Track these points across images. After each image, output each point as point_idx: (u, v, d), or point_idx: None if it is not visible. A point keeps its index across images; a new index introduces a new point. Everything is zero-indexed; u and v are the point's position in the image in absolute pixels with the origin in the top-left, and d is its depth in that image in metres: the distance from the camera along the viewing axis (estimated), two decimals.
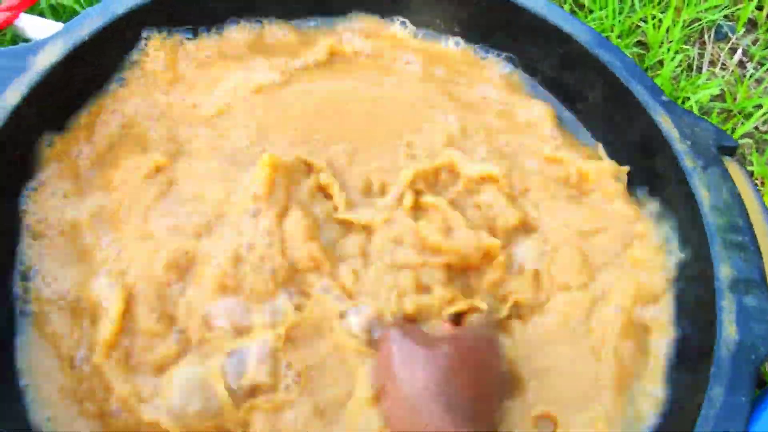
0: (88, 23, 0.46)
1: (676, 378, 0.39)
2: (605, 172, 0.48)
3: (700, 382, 0.34)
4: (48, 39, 0.46)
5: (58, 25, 0.70)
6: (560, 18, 0.51)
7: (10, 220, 0.43)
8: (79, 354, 0.39)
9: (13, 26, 0.71)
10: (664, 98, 0.47)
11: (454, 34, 0.57)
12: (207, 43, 0.52)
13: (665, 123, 0.46)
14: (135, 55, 0.50)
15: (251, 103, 0.49)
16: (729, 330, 0.36)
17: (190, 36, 0.52)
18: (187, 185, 0.44)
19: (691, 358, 0.39)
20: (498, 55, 0.56)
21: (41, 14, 0.76)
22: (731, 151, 0.45)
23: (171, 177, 0.45)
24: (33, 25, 0.71)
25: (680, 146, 0.44)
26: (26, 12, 0.72)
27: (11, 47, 0.44)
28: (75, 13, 0.77)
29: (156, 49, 0.50)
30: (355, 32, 0.55)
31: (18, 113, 0.42)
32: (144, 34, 0.50)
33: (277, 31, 0.55)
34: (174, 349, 0.39)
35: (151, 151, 0.46)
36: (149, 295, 0.40)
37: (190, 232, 0.42)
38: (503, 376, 0.39)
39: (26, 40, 0.72)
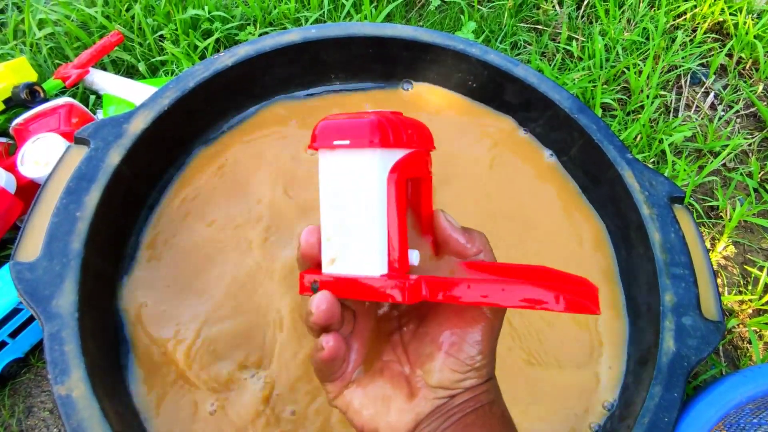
0: (168, 95, 0.58)
1: (628, 380, 0.50)
2: None
3: (643, 381, 0.46)
4: (138, 109, 0.57)
5: (119, 78, 0.83)
6: (549, 87, 0.62)
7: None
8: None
9: (83, 80, 0.83)
10: (629, 156, 0.58)
11: (460, 92, 0.70)
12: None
13: (629, 177, 0.57)
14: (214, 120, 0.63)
15: None
16: (669, 343, 0.47)
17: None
18: None
19: (641, 364, 0.50)
20: (497, 112, 0.68)
21: (104, 68, 0.88)
22: (680, 200, 0.56)
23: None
24: (100, 79, 0.84)
25: (639, 196, 0.56)
26: (93, 66, 0.85)
27: (111, 117, 0.56)
28: (132, 66, 0.89)
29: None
30: None
31: (119, 172, 0.54)
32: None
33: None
34: None
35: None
36: None
37: None
38: None
39: (94, 92, 0.85)
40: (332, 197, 0.28)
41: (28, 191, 0.70)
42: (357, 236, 0.28)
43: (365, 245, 0.28)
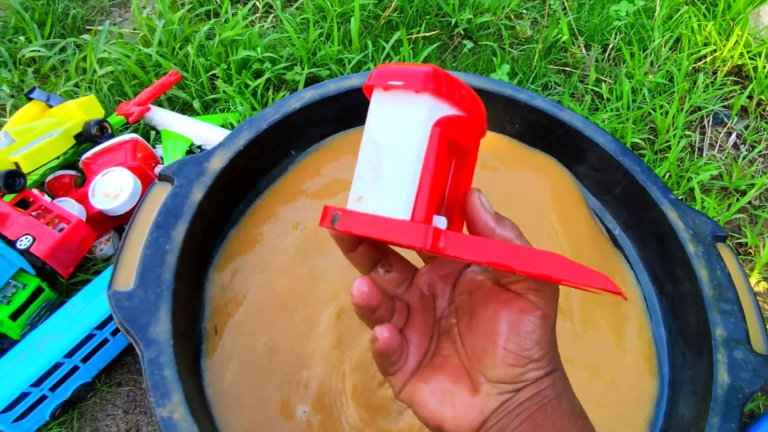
0: (243, 136, 0.63)
1: (683, 410, 0.53)
2: None
3: (701, 412, 0.49)
4: (216, 148, 0.62)
5: (176, 114, 0.88)
6: (593, 131, 0.67)
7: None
8: None
9: (143, 116, 0.88)
10: (672, 196, 0.62)
11: (507, 134, 0.74)
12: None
13: (673, 216, 0.61)
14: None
15: None
16: (723, 375, 0.50)
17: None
18: None
19: (695, 395, 0.53)
20: (543, 153, 0.73)
21: (161, 105, 0.93)
22: (723, 238, 0.60)
23: None
24: (158, 115, 0.89)
25: (684, 234, 0.59)
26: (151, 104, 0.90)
27: (192, 156, 0.60)
28: (186, 103, 0.94)
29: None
30: None
31: (201, 207, 0.58)
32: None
33: None
34: None
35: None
36: None
37: None
38: None
39: (152, 128, 0.90)
40: (374, 135, 0.29)
41: (96, 222, 0.74)
42: (389, 176, 0.28)
43: (394, 186, 0.27)
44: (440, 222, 0.28)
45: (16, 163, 0.71)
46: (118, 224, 0.79)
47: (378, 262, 0.32)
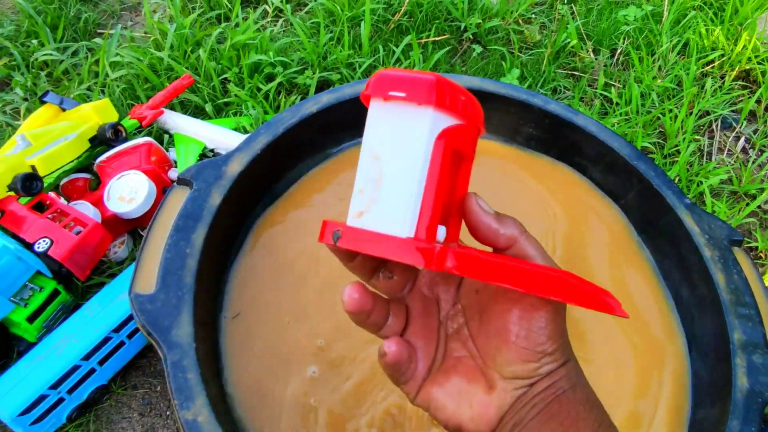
0: (261, 140, 0.63)
1: (703, 414, 0.53)
2: None
3: (720, 416, 0.49)
4: (233, 152, 0.62)
5: (188, 118, 0.88)
6: (608, 136, 0.67)
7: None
8: None
9: (156, 120, 0.89)
10: (687, 201, 0.63)
11: (518, 143, 0.74)
12: None
13: (689, 221, 0.61)
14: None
15: None
16: (742, 380, 0.50)
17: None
18: None
19: (714, 400, 0.53)
20: (555, 160, 0.73)
21: (173, 109, 0.94)
22: (739, 243, 0.60)
23: None
24: (171, 119, 0.89)
25: (700, 239, 0.60)
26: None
27: (210, 159, 0.60)
28: (198, 107, 0.95)
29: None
30: None
31: (220, 211, 0.58)
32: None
33: None
34: None
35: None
36: None
37: None
38: None
39: (165, 131, 0.90)
40: (375, 149, 0.27)
41: (110, 225, 0.75)
42: (391, 192, 0.27)
43: (397, 203, 0.26)
44: (441, 232, 0.27)
45: (33, 166, 0.71)
46: (132, 227, 0.79)
47: (378, 269, 0.32)
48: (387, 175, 0.27)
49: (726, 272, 0.57)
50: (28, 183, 0.68)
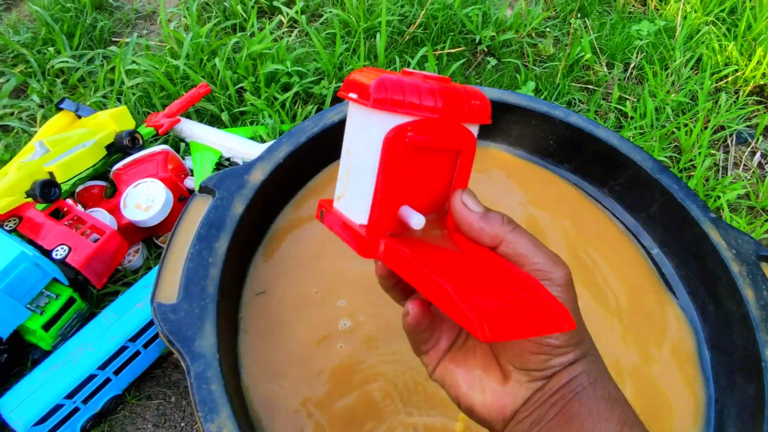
0: (283, 148, 0.63)
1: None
2: None
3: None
4: (256, 161, 0.62)
5: (205, 126, 0.88)
6: (629, 149, 0.67)
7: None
8: None
9: (173, 128, 0.88)
10: (712, 215, 0.62)
11: (538, 155, 0.74)
12: None
13: (714, 235, 0.60)
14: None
15: None
16: None
17: None
18: None
19: (744, 418, 0.52)
20: (573, 172, 0.72)
21: (189, 117, 0.93)
22: (766, 258, 0.59)
23: None
24: (188, 127, 0.89)
25: (727, 254, 0.59)
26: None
27: (232, 168, 0.60)
28: (214, 115, 0.95)
29: None
30: None
31: (242, 220, 0.57)
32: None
33: None
34: None
35: None
36: None
37: None
38: None
39: (182, 140, 0.90)
40: (347, 144, 0.30)
41: (125, 233, 0.74)
42: (355, 183, 0.30)
43: (359, 193, 0.30)
44: (415, 220, 0.29)
45: (51, 173, 0.71)
46: (148, 236, 0.78)
47: (410, 294, 0.33)
48: (353, 168, 0.30)
49: (755, 288, 0.56)
50: (47, 189, 0.67)
